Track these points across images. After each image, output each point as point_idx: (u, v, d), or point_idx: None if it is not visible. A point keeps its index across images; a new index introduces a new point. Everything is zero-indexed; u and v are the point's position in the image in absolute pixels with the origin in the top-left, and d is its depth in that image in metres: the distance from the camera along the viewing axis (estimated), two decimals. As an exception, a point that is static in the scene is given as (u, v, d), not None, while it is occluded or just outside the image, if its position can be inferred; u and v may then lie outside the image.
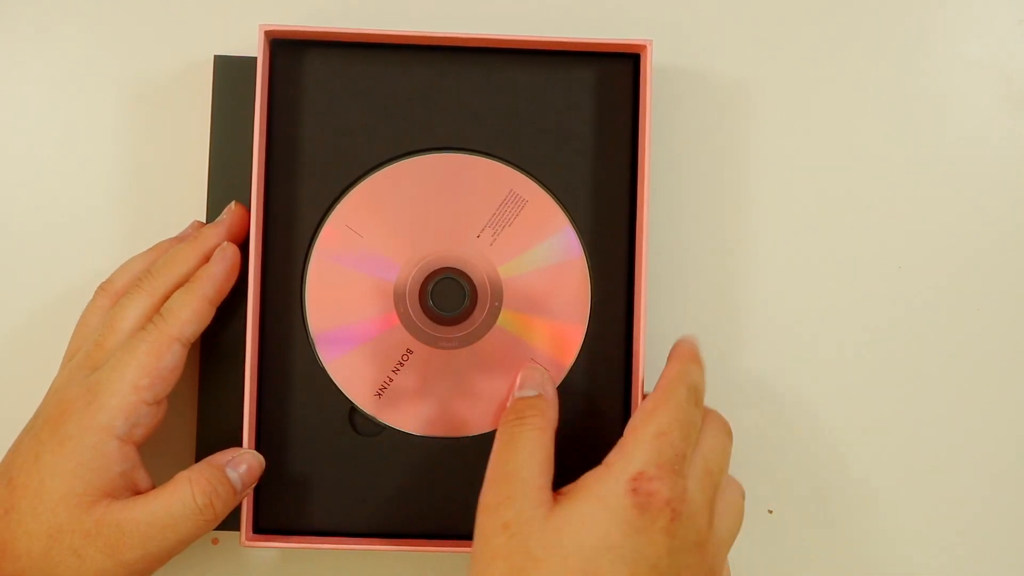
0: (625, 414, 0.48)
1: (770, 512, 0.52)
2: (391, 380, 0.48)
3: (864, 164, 0.52)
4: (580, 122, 0.48)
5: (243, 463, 0.45)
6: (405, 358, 0.48)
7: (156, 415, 0.45)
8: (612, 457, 0.42)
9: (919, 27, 0.53)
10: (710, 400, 0.45)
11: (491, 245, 0.48)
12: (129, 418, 0.43)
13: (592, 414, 0.48)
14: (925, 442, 0.52)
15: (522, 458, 0.42)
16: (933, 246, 0.52)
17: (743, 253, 0.52)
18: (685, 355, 0.45)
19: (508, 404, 0.45)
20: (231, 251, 0.46)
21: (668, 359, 0.45)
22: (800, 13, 0.52)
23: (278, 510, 0.48)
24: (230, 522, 0.46)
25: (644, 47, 0.47)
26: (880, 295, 0.52)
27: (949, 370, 0.52)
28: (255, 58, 0.50)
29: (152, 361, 0.44)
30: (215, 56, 0.50)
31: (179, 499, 0.43)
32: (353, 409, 0.48)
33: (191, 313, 0.45)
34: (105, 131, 0.51)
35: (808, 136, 0.52)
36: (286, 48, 0.48)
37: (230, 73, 0.50)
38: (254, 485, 0.46)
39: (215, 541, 0.51)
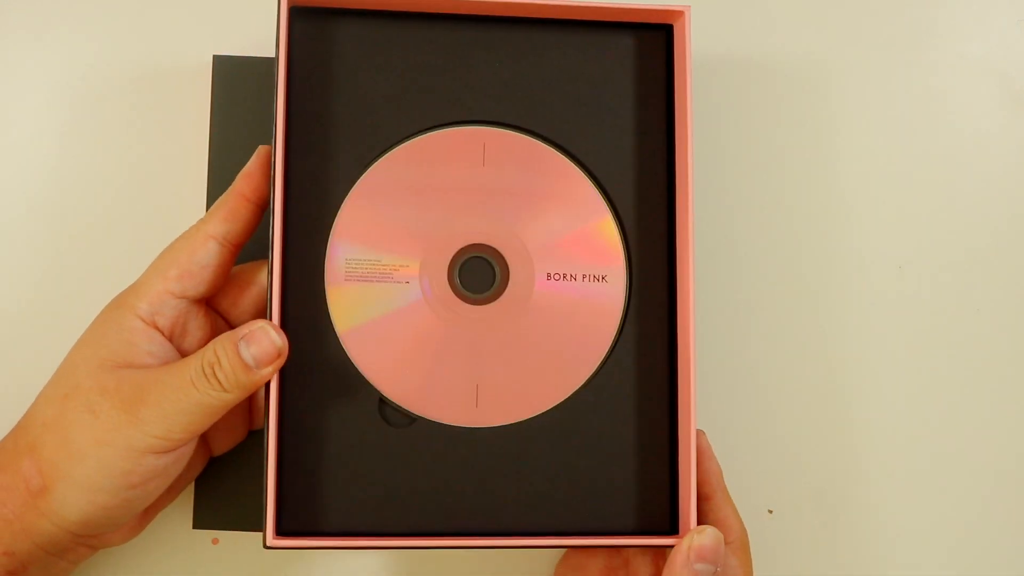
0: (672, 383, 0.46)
1: (770, 512, 0.52)
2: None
3: (863, 164, 0.52)
4: (614, 95, 0.47)
5: (255, 341, 0.42)
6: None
7: (185, 312, 0.44)
8: None
9: (919, 27, 0.53)
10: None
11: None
12: (153, 303, 0.44)
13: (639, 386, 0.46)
14: (925, 442, 0.52)
15: None
16: (934, 246, 0.52)
17: (746, 249, 0.52)
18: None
19: None
20: (264, 150, 0.45)
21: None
22: (799, 14, 0.52)
23: (303, 509, 0.45)
24: (244, 523, 0.47)
25: (680, 13, 0.45)
26: (880, 295, 0.52)
27: (950, 369, 0.52)
28: (254, 58, 0.50)
29: (184, 255, 0.44)
30: (214, 56, 0.50)
31: (188, 363, 0.42)
32: (382, 400, 0.46)
33: (226, 211, 0.44)
34: (104, 131, 0.51)
35: (806, 135, 0.52)
36: (307, 18, 0.45)
37: (230, 73, 0.50)
38: (277, 366, 0.43)
39: (215, 541, 0.51)
